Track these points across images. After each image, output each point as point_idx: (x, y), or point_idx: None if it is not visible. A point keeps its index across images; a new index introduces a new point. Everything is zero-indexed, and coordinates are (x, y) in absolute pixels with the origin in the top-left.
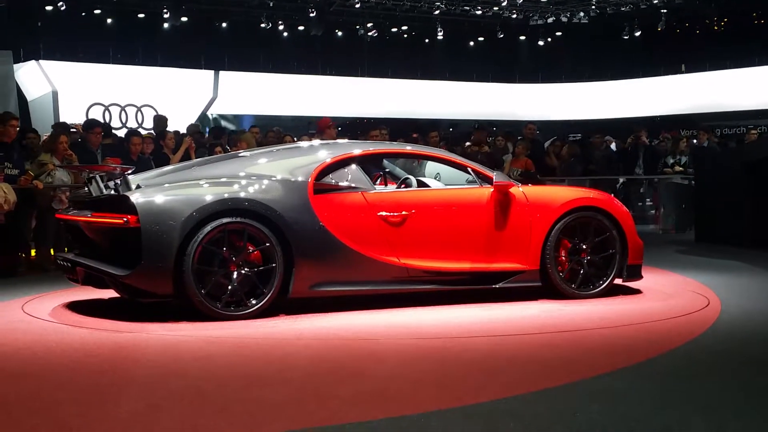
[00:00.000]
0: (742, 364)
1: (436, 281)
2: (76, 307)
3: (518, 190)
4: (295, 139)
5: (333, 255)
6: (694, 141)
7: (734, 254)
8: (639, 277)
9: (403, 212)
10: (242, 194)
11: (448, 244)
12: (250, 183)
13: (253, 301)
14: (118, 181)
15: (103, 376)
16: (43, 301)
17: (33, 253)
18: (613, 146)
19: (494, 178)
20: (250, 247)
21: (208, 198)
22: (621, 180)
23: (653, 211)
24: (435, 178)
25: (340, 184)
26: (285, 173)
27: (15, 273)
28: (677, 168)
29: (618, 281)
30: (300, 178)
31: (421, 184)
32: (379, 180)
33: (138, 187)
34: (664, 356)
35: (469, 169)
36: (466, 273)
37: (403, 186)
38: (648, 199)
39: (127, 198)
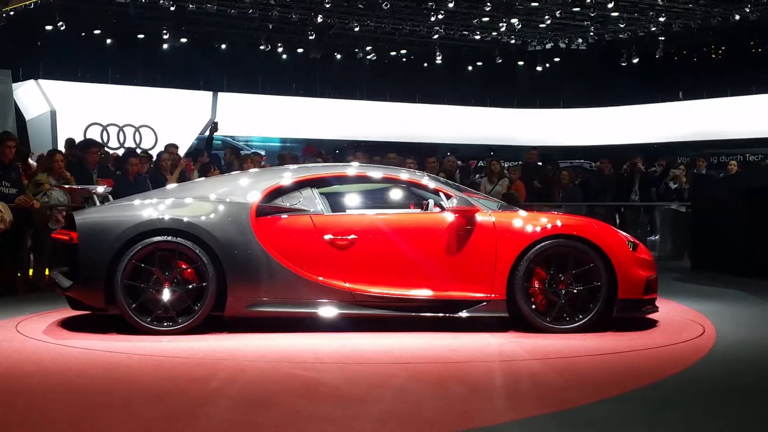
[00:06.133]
0: (737, 392)
1: (387, 307)
2: (70, 326)
3: (485, 215)
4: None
5: (271, 276)
6: (677, 168)
7: (730, 282)
8: (638, 312)
9: (352, 236)
10: (168, 216)
11: (399, 270)
12: (190, 204)
13: (181, 319)
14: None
15: (95, 396)
16: (37, 321)
17: (30, 272)
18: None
19: (450, 202)
20: (182, 266)
21: (138, 218)
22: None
23: (652, 237)
24: None
25: (288, 206)
26: (232, 195)
27: (11, 292)
28: (682, 179)
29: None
30: (244, 200)
31: (440, 206)
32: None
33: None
34: (658, 384)
35: (441, 194)
36: (421, 300)
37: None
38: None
39: (72, 216)
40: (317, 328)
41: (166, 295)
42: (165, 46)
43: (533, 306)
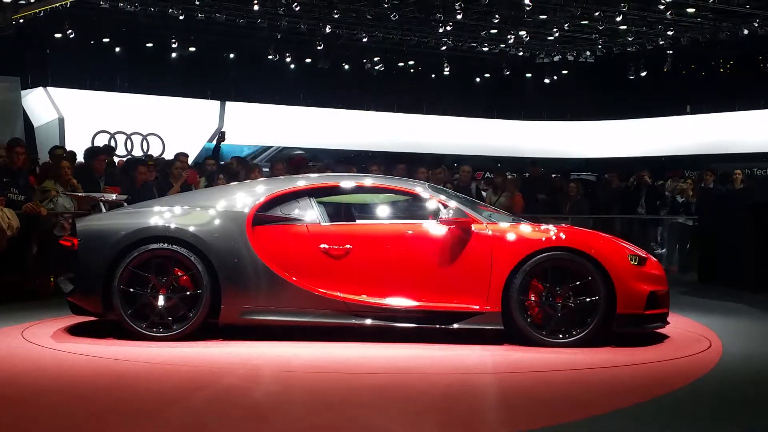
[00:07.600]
0: (743, 406)
1: (381, 317)
2: (76, 332)
3: (481, 226)
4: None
5: (265, 285)
6: (679, 182)
7: (737, 296)
8: (639, 328)
9: (347, 245)
10: (165, 223)
11: (394, 280)
12: (187, 213)
13: (175, 325)
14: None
15: (100, 404)
16: (43, 327)
17: (36, 279)
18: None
19: (446, 213)
20: (178, 273)
21: (135, 225)
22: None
23: (660, 251)
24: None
25: (285, 216)
26: (229, 205)
27: (17, 299)
28: (689, 192)
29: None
30: (241, 210)
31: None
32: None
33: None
34: (665, 397)
35: (440, 205)
36: (415, 311)
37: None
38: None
39: (74, 223)
40: (308, 337)
41: (161, 301)
42: (173, 54)
43: (529, 319)
